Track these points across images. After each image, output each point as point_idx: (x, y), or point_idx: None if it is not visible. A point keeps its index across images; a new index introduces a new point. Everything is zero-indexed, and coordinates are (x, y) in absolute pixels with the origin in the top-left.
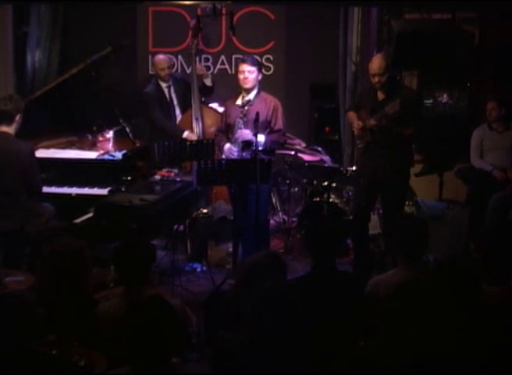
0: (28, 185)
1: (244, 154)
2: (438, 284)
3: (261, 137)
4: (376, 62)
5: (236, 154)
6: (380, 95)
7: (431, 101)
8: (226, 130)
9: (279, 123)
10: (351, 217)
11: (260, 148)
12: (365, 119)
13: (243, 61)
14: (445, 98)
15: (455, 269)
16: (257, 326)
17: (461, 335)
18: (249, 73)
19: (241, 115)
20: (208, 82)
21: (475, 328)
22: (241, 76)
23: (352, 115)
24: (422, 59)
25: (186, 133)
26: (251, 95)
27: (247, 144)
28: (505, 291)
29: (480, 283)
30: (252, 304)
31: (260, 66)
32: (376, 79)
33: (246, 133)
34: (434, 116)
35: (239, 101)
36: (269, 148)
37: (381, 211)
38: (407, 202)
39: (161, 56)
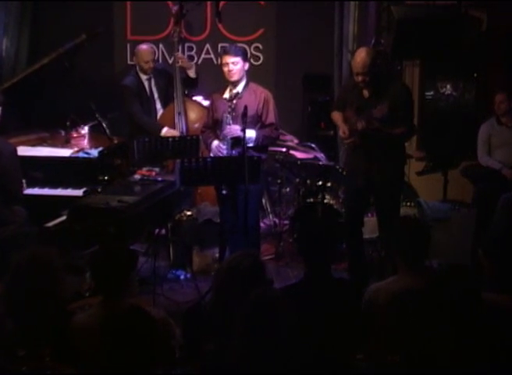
0: (5, 190)
1: (234, 152)
2: (441, 292)
3: (252, 133)
4: (359, 60)
5: (225, 152)
6: (365, 93)
7: (432, 93)
8: (213, 125)
9: (271, 117)
10: None
11: (251, 145)
12: (351, 119)
13: (225, 52)
14: (448, 89)
15: (456, 276)
16: (245, 340)
17: (464, 347)
18: (233, 65)
19: (229, 109)
20: (192, 73)
21: (480, 339)
22: (225, 69)
23: (336, 116)
24: (425, 48)
25: (164, 130)
26: (239, 87)
27: (236, 141)
28: None
29: (479, 293)
30: (239, 315)
31: (245, 55)
32: (360, 78)
33: (235, 130)
34: (437, 110)
35: (226, 95)
36: (261, 144)
37: None
38: (408, 203)
39: (145, 46)
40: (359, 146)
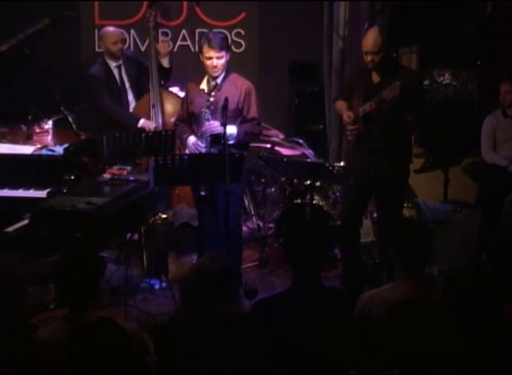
0: None
1: (213, 150)
2: (444, 302)
3: (233, 129)
4: (371, 38)
5: (203, 150)
6: (375, 78)
7: (427, 82)
8: (188, 118)
9: (253, 111)
10: (339, 222)
11: (231, 142)
12: (357, 107)
13: (210, 45)
14: (446, 78)
15: (466, 284)
16: (212, 357)
17: (471, 363)
18: (218, 60)
19: (207, 103)
20: (166, 63)
21: (488, 354)
22: (208, 63)
23: (341, 105)
24: (423, 33)
25: (142, 122)
26: (219, 79)
27: (216, 139)
28: None
29: (499, 302)
30: (200, 334)
31: (228, 46)
32: (369, 58)
33: (214, 126)
34: (434, 101)
35: (203, 86)
36: (242, 141)
37: (375, 215)
38: (405, 204)
39: (111, 28)
40: (362, 136)
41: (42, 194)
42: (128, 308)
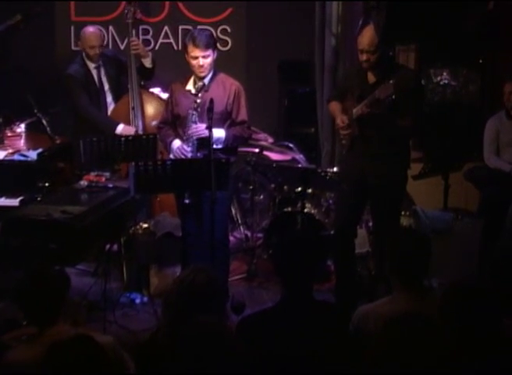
0: None
1: (200, 154)
2: (444, 317)
3: (221, 132)
4: (367, 36)
5: (189, 155)
6: (371, 78)
7: (423, 82)
8: (173, 121)
9: (243, 113)
10: (332, 232)
11: (219, 146)
12: (351, 108)
13: (195, 44)
14: (445, 78)
15: (466, 297)
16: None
17: None
18: (204, 59)
19: (194, 105)
20: (148, 63)
21: (486, 368)
22: (194, 63)
23: (334, 106)
24: (421, 30)
25: (120, 128)
26: (206, 79)
27: (203, 142)
28: None
29: (500, 317)
30: (183, 351)
31: (215, 44)
32: (364, 56)
33: (202, 129)
34: (432, 103)
35: (190, 86)
36: (231, 146)
37: (370, 224)
38: (403, 212)
39: (91, 29)
40: (357, 140)
41: (14, 202)
42: (107, 324)
